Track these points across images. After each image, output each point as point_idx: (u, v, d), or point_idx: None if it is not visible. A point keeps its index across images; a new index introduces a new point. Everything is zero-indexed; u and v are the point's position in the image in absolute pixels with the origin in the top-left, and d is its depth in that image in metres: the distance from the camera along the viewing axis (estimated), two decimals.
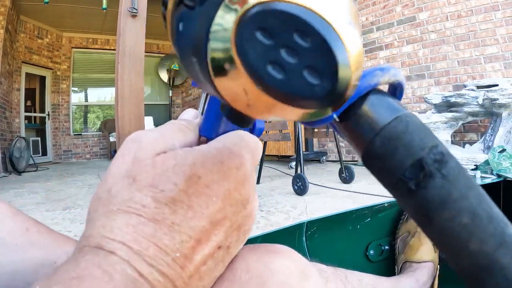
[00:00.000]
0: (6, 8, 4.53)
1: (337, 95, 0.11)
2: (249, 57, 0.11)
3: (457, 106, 2.26)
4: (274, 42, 0.10)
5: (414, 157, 0.12)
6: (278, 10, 0.10)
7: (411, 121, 0.13)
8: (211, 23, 0.11)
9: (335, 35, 0.10)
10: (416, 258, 0.66)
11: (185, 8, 0.12)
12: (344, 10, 0.10)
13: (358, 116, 0.14)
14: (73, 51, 6.72)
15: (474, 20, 2.75)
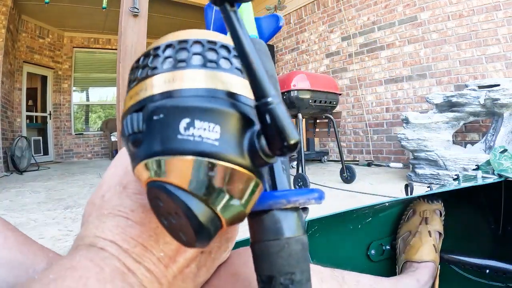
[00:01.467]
0: (7, 8, 4.53)
1: (202, 244, 0.14)
2: (150, 204, 0.15)
3: (459, 106, 2.26)
4: (163, 207, 0.14)
5: (270, 273, 0.16)
6: (163, 189, 0.13)
7: (287, 247, 0.16)
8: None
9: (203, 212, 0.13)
10: (416, 258, 0.66)
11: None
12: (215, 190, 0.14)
13: (258, 220, 0.17)
14: (74, 50, 6.72)
15: (476, 20, 2.74)
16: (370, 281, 0.50)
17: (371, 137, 3.62)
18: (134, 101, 0.15)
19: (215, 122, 0.13)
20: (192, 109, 0.13)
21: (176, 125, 0.13)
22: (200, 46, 0.15)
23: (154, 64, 0.15)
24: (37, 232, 1.47)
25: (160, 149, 0.13)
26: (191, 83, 0.14)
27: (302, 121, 2.33)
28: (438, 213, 0.75)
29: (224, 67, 0.15)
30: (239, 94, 0.14)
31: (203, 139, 0.13)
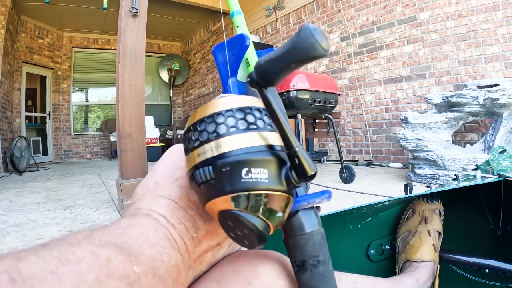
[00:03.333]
0: (7, 8, 4.53)
1: (259, 247, 0.21)
2: (220, 224, 0.21)
3: (458, 106, 2.26)
4: (232, 226, 0.20)
5: (303, 258, 0.23)
6: (237, 217, 0.20)
7: (312, 238, 0.23)
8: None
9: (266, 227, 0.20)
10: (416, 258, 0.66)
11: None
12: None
13: (289, 222, 0.24)
14: (73, 51, 6.72)
15: (475, 20, 2.74)
16: (367, 282, 0.50)
17: (370, 137, 3.62)
18: (204, 158, 0.20)
19: (263, 167, 0.19)
20: (247, 161, 0.19)
21: (240, 173, 0.19)
22: (242, 113, 0.21)
23: (212, 130, 0.20)
24: (36, 232, 1.47)
25: (230, 189, 0.19)
26: (242, 144, 0.20)
27: (302, 121, 2.33)
28: (438, 212, 0.75)
29: (261, 127, 0.21)
30: (274, 145, 0.21)
31: (258, 180, 0.19)
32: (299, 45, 0.18)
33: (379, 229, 0.76)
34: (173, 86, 7.64)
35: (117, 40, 1.88)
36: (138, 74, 1.84)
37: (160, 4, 5.24)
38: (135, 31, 1.83)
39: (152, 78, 7.64)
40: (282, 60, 0.19)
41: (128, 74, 1.80)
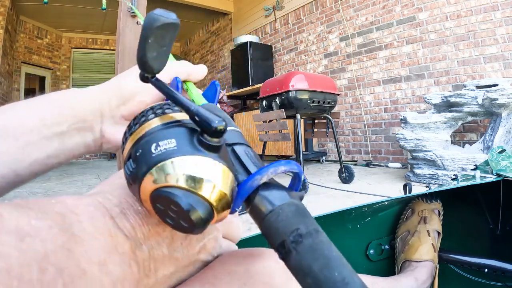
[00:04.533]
0: (5, 8, 4.52)
1: (202, 227, 0.18)
2: (156, 213, 0.19)
3: (457, 106, 2.26)
4: (164, 208, 0.18)
5: (281, 239, 0.18)
6: (161, 194, 0.18)
7: (282, 212, 0.19)
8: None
9: (200, 203, 0.18)
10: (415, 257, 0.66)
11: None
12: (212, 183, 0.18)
13: (252, 207, 0.20)
14: (72, 51, 6.71)
15: (474, 20, 2.75)
16: (366, 281, 0.49)
17: (369, 137, 3.62)
18: (125, 153, 0.21)
19: (170, 137, 0.19)
20: (153, 138, 0.19)
21: (150, 150, 0.19)
22: (151, 110, 0.22)
23: (129, 130, 0.21)
24: None
25: (146, 168, 0.18)
26: (149, 127, 0.20)
27: (301, 122, 2.33)
28: (437, 212, 0.75)
29: (167, 112, 0.21)
30: (181, 119, 0.21)
31: (167, 149, 0.18)
32: (145, 24, 0.19)
33: (378, 229, 0.76)
34: None
35: (116, 40, 1.88)
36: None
37: (159, 4, 5.23)
38: (134, 32, 1.83)
39: None
40: (141, 43, 0.19)
41: None
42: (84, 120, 0.27)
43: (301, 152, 2.16)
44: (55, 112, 0.26)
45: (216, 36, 6.42)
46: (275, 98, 2.23)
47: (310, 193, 2.11)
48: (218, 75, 6.35)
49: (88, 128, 0.28)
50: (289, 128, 2.57)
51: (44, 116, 0.26)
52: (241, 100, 5.14)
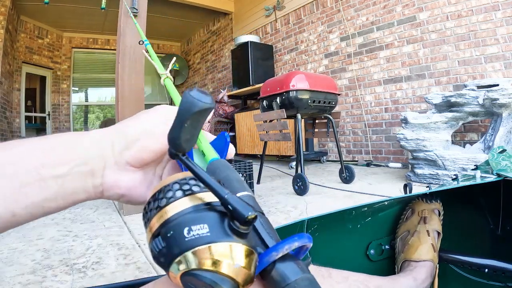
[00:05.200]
0: (6, 8, 4.53)
1: None
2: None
3: (458, 106, 2.26)
4: (195, 286, 0.20)
5: None
6: (195, 276, 0.20)
7: (299, 285, 0.20)
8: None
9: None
10: (415, 257, 0.66)
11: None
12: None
13: (269, 278, 0.21)
14: (73, 51, 6.72)
15: (475, 20, 2.75)
16: (360, 277, 0.49)
17: (370, 137, 3.62)
18: (153, 230, 0.22)
19: (203, 222, 0.20)
20: (186, 221, 0.20)
21: (182, 233, 0.20)
22: (177, 185, 0.23)
23: (155, 206, 0.22)
24: (36, 232, 1.47)
25: (178, 251, 0.20)
26: (179, 208, 0.21)
27: (301, 121, 2.33)
28: (437, 212, 0.75)
29: (196, 191, 0.22)
30: (211, 202, 0.22)
31: (201, 235, 0.20)
32: (183, 107, 0.21)
33: (378, 229, 0.76)
34: None
35: (117, 40, 1.88)
36: (138, 74, 1.84)
37: (159, 4, 5.24)
38: (134, 31, 1.83)
39: (152, 78, 7.63)
40: (176, 125, 0.22)
41: (127, 74, 1.80)
42: (86, 163, 0.27)
43: (302, 152, 2.16)
44: (56, 153, 0.26)
45: (217, 36, 6.42)
46: (275, 98, 2.23)
47: (310, 193, 2.11)
48: (219, 75, 6.35)
49: (90, 172, 0.27)
50: (290, 128, 2.57)
51: (44, 157, 0.25)
52: (241, 100, 5.14)
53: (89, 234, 1.44)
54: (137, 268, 1.05)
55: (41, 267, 1.07)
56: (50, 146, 0.26)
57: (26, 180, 0.24)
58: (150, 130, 0.28)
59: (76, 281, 0.96)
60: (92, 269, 1.05)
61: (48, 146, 0.26)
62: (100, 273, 1.02)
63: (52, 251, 1.23)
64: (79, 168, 0.27)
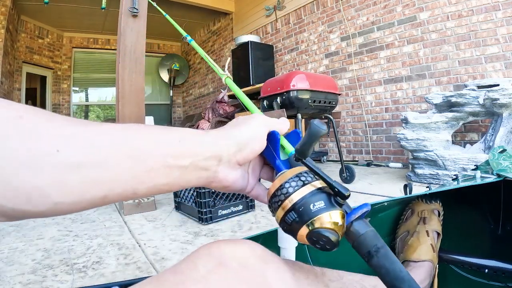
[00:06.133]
0: (7, 8, 4.53)
1: (336, 247, 0.32)
2: (309, 242, 0.32)
3: (458, 106, 2.26)
4: (316, 240, 0.31)
5: (367, 250, 0.32)
6: (319, 232, 0.30)
7: (367, 236, 0.33)
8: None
9: (336, 236, 0.31)
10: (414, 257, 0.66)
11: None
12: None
13: (349, 230, 0.33)
14: (73, 51, 6.72)
15: (475, 20, 2.74)
16: (356, 277, 0.49)
17: (370, 137, 3.62)
18: (287, 208, 0.32)
19: (320, 200, 0.31)
20: (310, 200, 0.31)
21: (309, 208, 0.31)
22: (297, 177, 0.33)
23: (285, 192, 0.33)
24: (36, 232, 1.47)
25: (308, 218, 0.31)
26: (304, 192, 0.32)
27: (302, 121, 2.33)
28: (436, 213, 0.75)
29: (310, 180, 0.33)
30: (321, 187, 0.33)
31: (321, 208, 0.31)
32: (313, 133, 0.33)
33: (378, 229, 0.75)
34: (173, 86, 7.64)
35: (117, 40, 1.88)
36: (138, 74, 1.84)
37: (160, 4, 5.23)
38: (135, 31, 1.83)
39: (152, 78, 7.64)
40: (306, 143, 0.33)
41: (128, 74, 1.80)
42: (206, 159, 0.32)
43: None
44: (181, 147, 0.30)
45: (217, 36, 6.42)
46: (276, 98, 2.23)
47: None
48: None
49: (206, 167, 0.32)
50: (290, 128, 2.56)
51: (171, 149, 0.29)
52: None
53: (90, 233, 1.44)
54: (137, 268, 1.06)
55: (41, 267, 1.07)
56: (176, 139, 0.30)
57: (154, 165, 0.28)
58: (255, 136, 0.36)
59: (76, 281, 0.96)
60: (93, 269, 1.05)
61: (175, 139, 0.30)
62: (100, 273, 1.02)
63: (52, 250, 1.23)
64: (199, 162, 0.31)
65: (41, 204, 0.22)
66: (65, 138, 0.23)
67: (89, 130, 0.25)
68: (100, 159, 0.24)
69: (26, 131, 0.22)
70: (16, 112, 0.22)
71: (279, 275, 0.31)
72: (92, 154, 0.24)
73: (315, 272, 0.39)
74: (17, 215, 0.22)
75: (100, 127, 0.26)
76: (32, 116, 0.23)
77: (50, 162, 0.22)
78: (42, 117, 0.24)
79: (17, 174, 0.21)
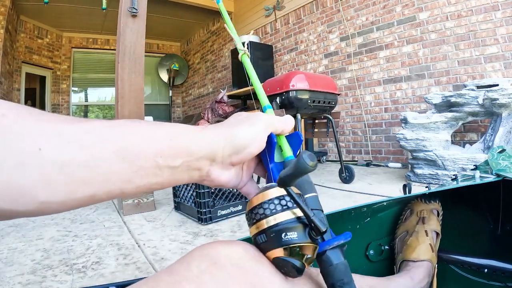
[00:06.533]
0: (6, 8, 4.53)
1: (300, 274, 0.32)
2: (274, 264, 0.32)
3: (457, 106, 2.26)
4: (281, 265, 0.32)
5: (332, 282, 0.32)
6: (284, 260, 0.31)
7: (337, 268, 0.32)
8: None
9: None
10: (412, 257, 0.66)
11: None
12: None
13: (321, 258, 0.33)
14: (73, 51, 6.72)
15: (474, 20, 2.75)
16: (353, 276, 0.50)
17: (370, 137, 3.62)
18: (260, 229, 0.32)
19: (294, 231, 0.31)
20: (284, 229, 0.31)
21: (280, 236, 0.31)
22: (278, 199, 0.33)
23: (262, 212, 0.32)
24: (36, 232, 1.47)
25: (277, 245, 0.31)
26: (281, 219, 0.31)
27: (301, 121, 2.33)
28: (436, 213, 0.75)
29: (290, 206, 0.32)
30: (299, 216, 0.32)
31: (292, 239, 0.31)
32: (298, 169, 0.29)
33: (378, 229, 0.76)
34: (173, 86, 7.64)
35: (117, 40, 1.88)
36: (138, 74, 1.84)
37: (159, 4, 5.23)
38: (134, 31, 1.83)
39: (152, 78, 7.63)
40: (290, 176, 0.30)
41: (127, 74, 1.80)
42: (197, 160, 0.31)
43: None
44: (172, 147, 0.29)
45: (217, 36, 6.42)
46: (275, 98, 2.23)
47: None
48: (219, 75, 6.35)
49: (198, 167, 0.32)
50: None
51: (161, 149, 0.28)
52: (241, 99, 5.14)
53: (89, 234, 1.44)
54: (137, 268, 1.06)
55: (41, 267, 1.07)
56: (167, 137, 0.29)
57: (143, 165, 0.27)
58: (255, 138, 0.34)
59: (76, 281, 0.96)
60: (92, 269, 1.05)
61: (165, 138, 0.29)
62: (100, 273, 1.02)
63: (52, 251, 1.23)
64: (191, 163, 0.31)
65: (27, 203, 0.22)
66: (49, 136, 0.23)
67: (76, 127, 0.24)
68: (87, 158, 0.24)
69: (7, 129, 0.21)
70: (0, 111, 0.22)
71: (272, 275, 0.31)
72: (78, 152, 0.23)
73: (310, 273, 0.40)
74: (4, 214, 0.22)
75: (88, 124, 0.25)
76: (15, 114, 0.22)
77: (33, 161, 0.22)
78: (26, 115, 0.23)
79: (1, 173, 0.21)
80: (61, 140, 0.23)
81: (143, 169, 0.27)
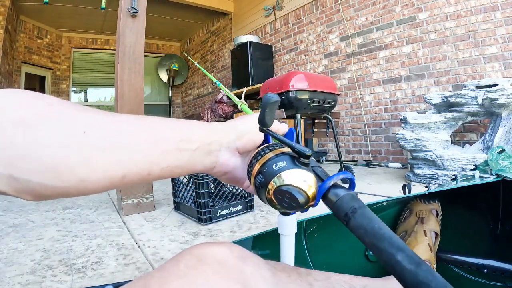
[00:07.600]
0: (5, 8, 4.52)
1: (305, 209, 0.33)
2: (276, 201, 0.33)
3: (457, 106, 2.26)
4: (281, 197, 0.32)
5: (344, 212, 0.29)
6: (282, 190, 0.32)
7: (344, 199, 0.30)
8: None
9: (304, 194, 0.32)
10: None
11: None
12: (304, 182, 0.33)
13: (327, 198, 0.32)
14: (72, 51, 6.71)
15: (474, 20, 2.75)
16: (344, 277, 0.50)
17: (369, 137, 3.62)
18: (256, 171, 0.35)
19: (283, 160, 0.34)
20: (274, 160, 0.34)
21: (272, 167, 0.33)
22: (267, 147, 0.37)
23: (255, 158, 0.37)
24: (36, 232, 1.47)
25: (271, 177, 0.33)
26: (271, 155, 0.35)
27: (301, 122, 2.33)
28: (435, 213, 0.75)
29: (276, 147, 0.36)
30: (286, 151, 0.35)
31: (282, 167, 0.33)
32: (264, 101, 0.34)
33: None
34: (172, 86, 7.64)
35: (116, 40, 1.88)
36: (137, 74, 1.84)
37: (159, 4, 5.23)
38: (134, 31, 1.83)
39: (151, 78, 7.63)
40: (262, 113, 0.35)
41: (127, 75, 1.80)
42: (209, 144, 0.36)
43: None
44: (190, 132, 0.35)
45: (216, 36, 6.41)
46: None
47: None
48: (218, 75, 6.35)
49: (210, 151, 0.36)
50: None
51: (182, 134, 0.34)
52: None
53: (89, 234, 1.44)
54: (137, 268, 1.06)
55: (40, 267, 1.07)
56: (185, 126, 0.35)
57: (167, 148, 0.32)
58: (253, 128, 0.39)
59: (75, 281, 0.96)
60: (92, 269, 1.05)
61: (184, 125, 0.35)
62: (99, 273, 1.02)
63: (51, 251, 1.23)
64: (204, 146, 0.36)
65: (67, 180, 0.25)
66: (91, 123, 0.27)
67: (111, 116, 0.29)
68: (122, 142, 0.28)
69: (55, 115, 0.25)
70: (47, 101, 0.26)
71: (257, 272, 0.33)
72: (115, 137, 0.28)
73: (298, 272, 0.41)
74: (43, 191, 0.25)
75: (120, 116, 0.30)
76: (60, 105, 0.27)
77: (78, 142, 0.25)
78: (70, 105, 0.28)
79: (48, 151, 0.24)
80: (100, 126, 0.27)
81: (168, 151, 0.32)
